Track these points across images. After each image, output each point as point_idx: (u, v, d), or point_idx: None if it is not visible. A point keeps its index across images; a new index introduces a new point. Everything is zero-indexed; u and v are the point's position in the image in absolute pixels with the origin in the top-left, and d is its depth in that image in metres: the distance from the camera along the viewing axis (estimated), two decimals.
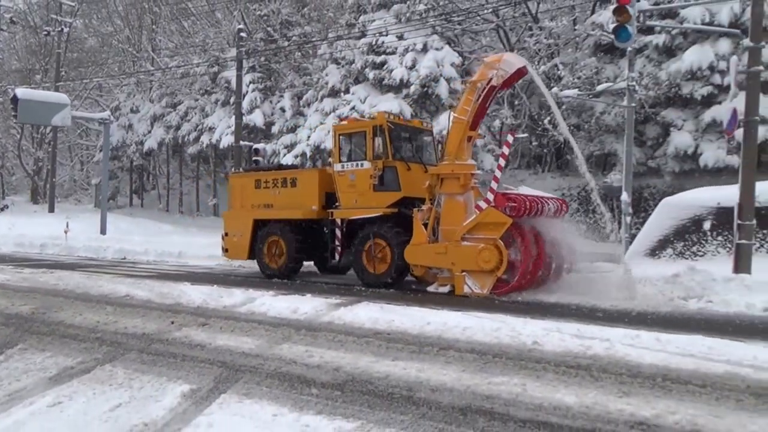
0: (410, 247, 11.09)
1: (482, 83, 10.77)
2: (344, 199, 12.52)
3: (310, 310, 8.20)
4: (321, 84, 27.07)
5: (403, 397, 4.87)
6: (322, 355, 6.05)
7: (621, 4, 11.29)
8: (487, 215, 10.30)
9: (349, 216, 12.29)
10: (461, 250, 10.43)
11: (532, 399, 4.77)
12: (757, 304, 9.16)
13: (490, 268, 10.13)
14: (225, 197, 36.63)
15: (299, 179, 13.53)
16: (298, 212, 13.17)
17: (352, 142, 12.66)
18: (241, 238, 14.09)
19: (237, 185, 14.85)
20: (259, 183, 14.19)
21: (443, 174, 11.02)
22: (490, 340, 6.53)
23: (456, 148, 10.94)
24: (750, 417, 4.36)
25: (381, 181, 11.80)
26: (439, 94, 23.44)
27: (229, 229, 14.59)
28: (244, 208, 14.37)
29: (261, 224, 13.79)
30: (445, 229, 10.87)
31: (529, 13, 24.18)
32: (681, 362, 5.62)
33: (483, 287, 10.25)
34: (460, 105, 11.20)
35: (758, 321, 8.39)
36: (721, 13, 19.91)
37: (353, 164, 12.39)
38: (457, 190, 10.87)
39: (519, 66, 10.79)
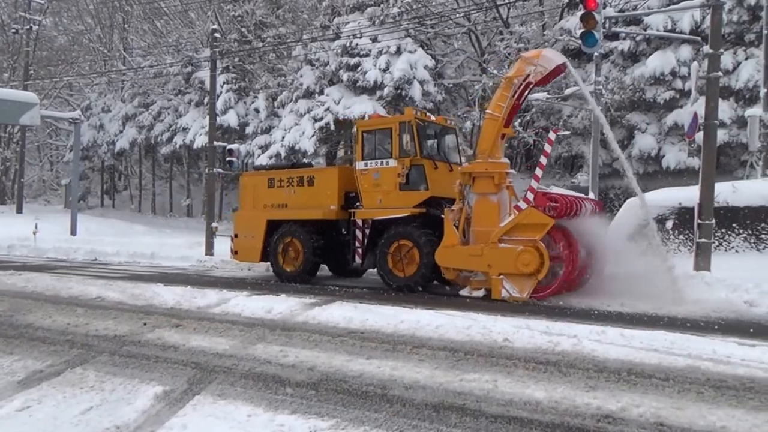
0: (441, 249, 10.58)
1: (519, 79, 10.33)
2: (367, 199, 12.02)
3: (284, 310, 8.22)
4: (295, 85, 27.04)
5: (377, 395, 4.93)
6: (297, 355, 6.09)
7: (588, 10, 11.48)
8: (527, 216, 9.82)
9: (374, 216, 11.78)
10: (499, 253, 9.92)
11: (503, 395, 4.88)
12: (714, 300, 9.43)
13: (530, 272, 9.64)
14: (199, 198, 36.58)
15: (317, 178, 12.96)
16: (317, 212, 12.54)
17: (377, 139, 12.12)
18: (253, 240, 13.45)
19: (248, 185, 14.21)
20: (272, 182, 13.59)
21: (476, 173, 10.55)
22: (462, 338, 6.64)
23: (490, 145, 10.49)
24: (709, 408, 4.52)
25: (408, 180, 11.35)
26: (413, 96, 23.62)
27: (240, 230, 13.95)
28: (256, 208, 13.77)
29: (275, 225, 13.17)
30: (478, 230, 10.44)
31: (499, 17, 24.50)
32: (645, 357, 5.79)
33: (522, 291, 9.73)
34: (493, 101, 10.72)
35: (715, 317, 8.63)
36: (682, 21, 20.52)
37: (377, 162, 11.87)
38: (490, 190, 10.45)
39: (559, 62, 10.41)
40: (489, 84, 23.18)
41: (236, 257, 14.18)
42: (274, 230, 13.11)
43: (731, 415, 4.38)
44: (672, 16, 20.76)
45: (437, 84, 25.36)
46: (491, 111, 10.54)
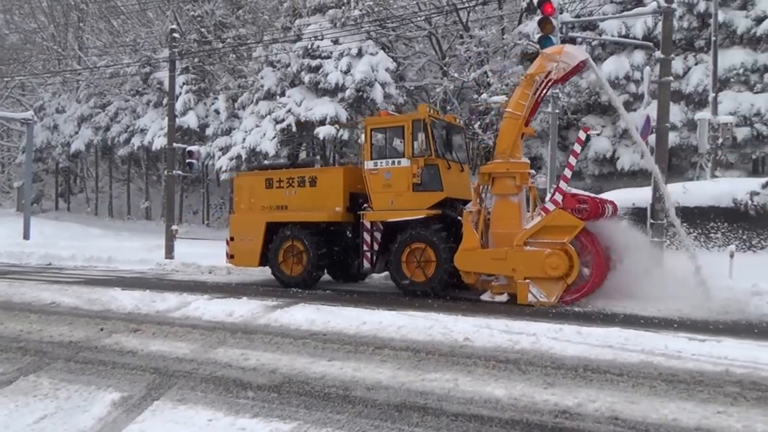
0: (461, 252, 10.16)
1: (540, 76, 10.05)
2: (377, 200, 11.46)
3: (246, 313, 8.17)
4: (256, 86, 26.84)
5: (340, 397, 4.95)
6: (259, 358, 6.06)
7: (545, 15, 11.67)
8: (555, 218, 9.51)
9: (386, 218, 11.24)
10: (525, 256, 9.56)
11: (463, 393, 4.95)
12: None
13: (559, 275, 9.34)
14: (158, 200, 35.97)
15: (320, 178, 12.38)
16: (322, 214, 11.96)
17: (387, 137, 11.68)
18: (251, 243, 12.77)
19: (244, 185, 13.51)
20: (270, 182, 12.95)
21: (497, 173, 10.18)
22: (424, 338, 6.70)
23: (511, 145, 10.14)
24: (662, 402, 4.67)
25: (422, 181, 10.90)
26: (374, 98, 23.70)
27: (236, 234, 13.23)
28: (253, 210, 13.10)
29: (275, 228, 12.53)
30: (498, 232, 10.10)
31: (460, 21, 24.79)
32: (600, 353, 5.95)
33: (550, 295, 9.39)
34: (514, 99, 10.33)
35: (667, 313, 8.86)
36: (635, 27, 21.15)
37: (388, 162, 11.37)
38: (511, 191, 10.11)
39: (581, 59, 10.13)
40: (450, 87, 23.40)
41: (233, 262, 13.47)
42: (274, 233, 12.49)
43: (682, 407, 4.53)
44: (626, 22, 21.39)
45: (399, 86, 25.49)
46: (512, 109, 10.17)
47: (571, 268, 9.30)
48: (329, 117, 23.59)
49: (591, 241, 9.49)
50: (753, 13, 20.41)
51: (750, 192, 13.44)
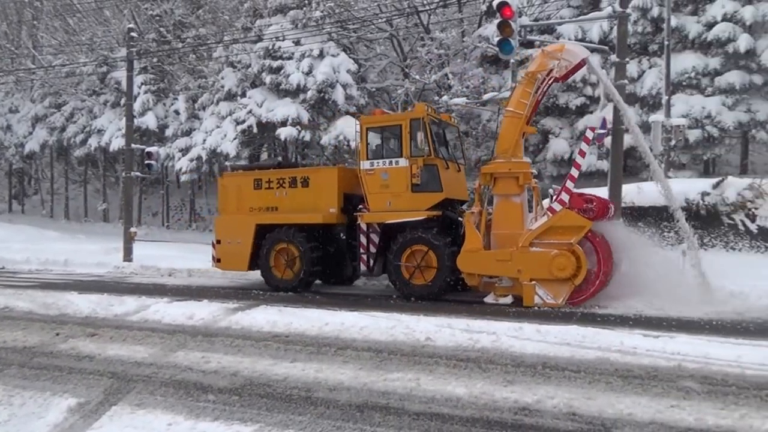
0: (464, 253, 9.94)
1: (542, 74, 9.91)
2: (374, 201, 11.13)
3: (206, 316, 8.09)
4: (217, 87, 26.55)
5: (302, 398, 4.95)
6: (220, 361, 6.01)
7: (504, 19, 11.82)
8: (562, 218, 9.36)
9: (385, 220, 10.92)
10: (531, 257, 9.38)
11: (425, 392, 5.00)
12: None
13: (566, 276, 9.18)
14: (116, 202, 35.24)
15: (313, 178, 11.96)
16: (316, 216, 11.60)
17: (384, 137, 11.38)
18: (240, 246, 12.30)
19: (231, 186, 12.99)
20: (259, 183, 12.47)
21: (499, 173, 10.01)
22: (386, 338, 6.75)
23: (513, 144, 9.97)
24: (617, 397, 4.80)
25: (421, 181, 10.63)
26: (336, 100, 23.69)
27: (223, 236, 12.71)
28: (240, 211, 12.61)
29: (265, 230, 12.10)
30: (500, 233, 9.93)
31: (420, 24, 24.95)
32: (558, 351, 6.08)
33: (557, 297, 9.23)
34: (514, 98, 10.15)
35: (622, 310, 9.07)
36: (592, 31, 21.64)
37: (386, 162, 11.08)
38: (513, 191, 9.95)
39: (583, 57, 10.04)
40: (411, 89, 23.52)
41: (219, 266, 12.95)
42: (264, 236, 12.06)
43: (637, 402, 4.67)
44: (582, 26, 21.84)
45: (360, 88, 25.51)
46: (513, 108, 10.00)
47: (579, 269, 9.17)
48: (291, 118, 23.47)
49: (597, 240, 9.39)
50: (704, 18, 21.07)
51: (701, 192, 13.85)
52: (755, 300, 9.25)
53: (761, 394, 4.82)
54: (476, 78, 22.03)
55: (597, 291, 9.37)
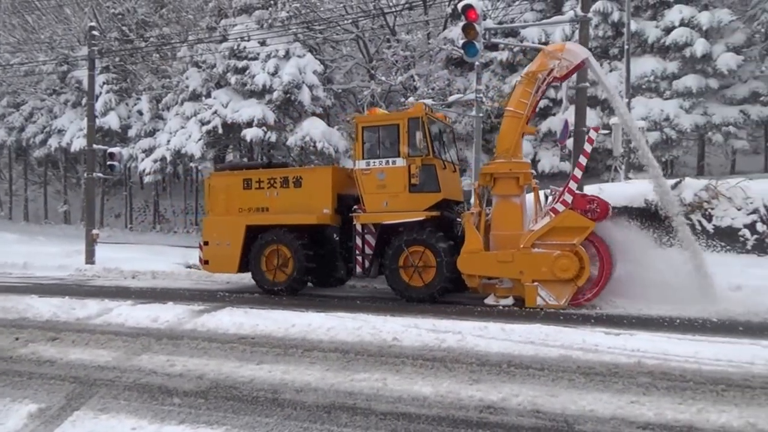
0: (465, 255, 9.79)
1: (543, 74, 9.84)
2: (370, 202, 10.90)
3: (171, 318, 7.99)
4: (181, 87, 26.25)
5: (268, 400, 4.95)
6: (185, 364, 5.96)
7: (469, 21, 11.92)
8: (565, 219, 9.28)
9: (382, 220, 10.71)
10: (533, 258, 9.29)
11: (392, 392, 5.04)
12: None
13: (569, 277, 9.12)
14: (77, 203, 34.50)
15: (306, 178, 11.69)
16: (309, 217, 11.33)
17: (381, 136, 11.06)
18: (229, 248, 11.96)
19: (219, 186, 12.58)
20: (249, 183, 12.14)
21: (499, 173, 9.90)
22: (353, 339, 6.76)
23: (513, 144, 9.90)
24: (580, 394, 4.91)
25: (419, 181, 10.46)
26: (302, 100, 23.63)
27: (211, 238, 12.34)
28: (230, 212, 12.27)
29: (256, 231, 11.80)
30: (499, 234, 9.82)
31: (387, 25, 25.04)
32: (523, 349, 6.17)
33: (560, 298, 9.16)
34: (515, 97, 10.07)
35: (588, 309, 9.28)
36: (555, 35, 22.06)
37: (382, 162, 10.85)
38: (513, 191, 9.85)
39: (583, 57, 9.97)
40: (377, 90, 23.59)
41: (207, 268, 12.62)
42: (255, 237, 11.77)
43: (599, 398, 4.78)
44: (546, 29, 22.25)
45: (326, 89, 25.51)
46: (513, 108, 9.91)
47: (582, 270, 9.11)
48: (256, 119, 23.34)
49: (598, 241, 9.34)
50: (662, 23, 21.65)
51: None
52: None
53: (717, 389, 4.97)
54: (442, 80, 22.23)
55: (600, 291, 9.31)
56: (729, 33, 21.87)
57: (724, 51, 21.28)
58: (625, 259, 9.55)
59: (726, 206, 12.89)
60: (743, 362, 5.62)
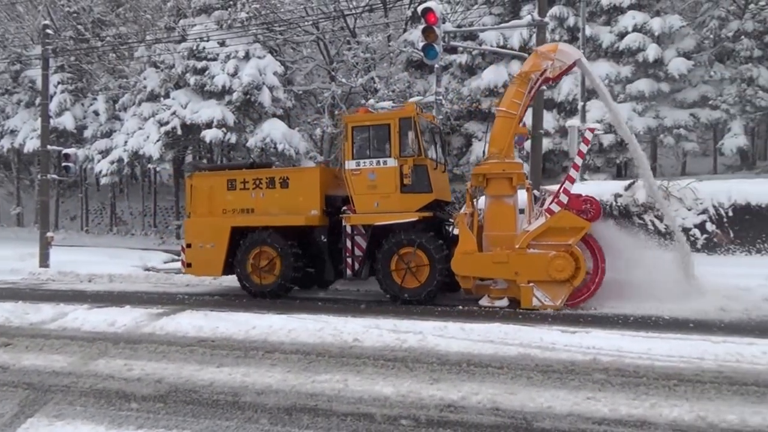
0: (459, 256, 9.65)
1: (536, 74, 9.81)
2: (360, 202, 10.67)
3: (129, 322, 7.86)
4: (139, 87, 25.79)
5: (229, 403, 4.92)
6: (143, 368, 5.88)
7: (429, 24, 12.00)
8: (560, 219, 9.24)
9: (374, 221, 10.51)
10: (528, 259, 9.22)
11: (353, 393, 5.07)
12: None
13: (564, 278, 9.07)
14: (30, 206, 33.54)
15: (293, 179, 11.42)
16: (297, 218, 11.07)
17: (371, 136, 10.86)
18: (213, 250, 11.61)
19: (201, 186, 12.16)
20: (233, 183, 11.81)
21: (492, 174, 9.83)
22: (314, 340, 6.76)
23: (506, 145, 9.85)
24: (538, 391, 5.01)
25: (411, 182, 10.30)
26: (262, 102, 23.47)
27: (194, 240, 11.93)
28: (213, 213, 11.89)
29: (241, 233, 11.50)
30: (493, 234, 9.74)
31: (347, 27, 25.06)
32: (482, 348, 6.26)
33: (555, 299, 9.11)
34: (507, 98, 10.03)
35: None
36: (512, 38, 22.44)
37: (373, 162, 10.66)
38: (506, 192, 9.79)
39: (576, 58, 10.01)
40: (338, 92, 23.58)
41: (191, 271, 12.21)
42: (240, 239, 11.48)
43: (556, 395, 4.89)
44: (504, 33, 22.58)
45: (287, 90, 25.37)
46: (506, 108, 9.87)
47: (578, 271, 9.07)
48: (216, 120, 23.09)
49: (591, 241, 9.35)
50: (616, 29, 22.20)
51: (614, 194, 14.49)
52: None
53: (669, 384, 5.14)
54: (402, 82, 22.36)
55: (595, 292, 9.30)
56: (680, 39, 22.56)
57: (675, 56, 21.93)
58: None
59: (677, 207, 13.27)
60: (694, 358, 5.82)
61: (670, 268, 9.55)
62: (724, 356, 5.83)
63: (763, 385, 5.10)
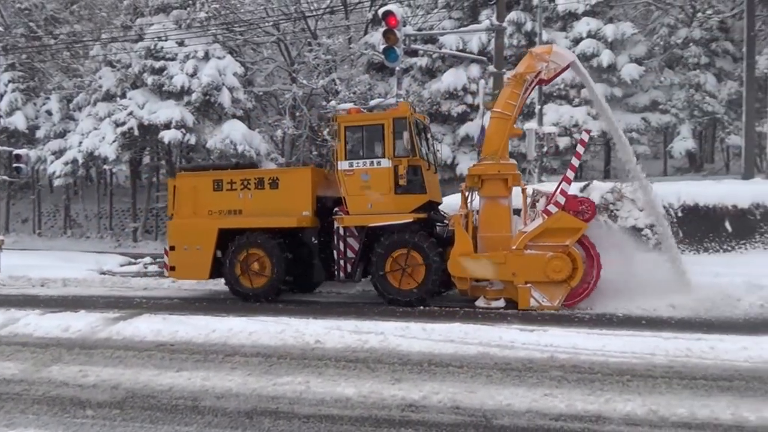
0: (456, 257, 9.63)
1: (530, 75, 9.87)
2: (354, 203, 10.54)
3: (84, 327, 7.68)
4: (94, 87, 25.20)
5: (188, 408, 4.87)
6: (99, 374, 5.77)
7: (389, 27, 12.08)
8: (558, 220, 9.28)
9: (368, 223, 10.35)
10: (526, 260, 9.25)
11: (315, 395, 5.07)
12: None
13: (562, 279, 9.13)
14: None
15: (283, 180, 11.19)
16: (289, 219, 10.82)
17: (364, 136, 10.75)
18: (200, 253, 11.24)
19: (185, 187, 11.76)
20: (219, 184, 11.47)
21: (487, 175, 9.84)
22: (275, 343, 6.74)
23: (501, 146, 9.89)
24: (497, 389, 5.11)
25: (406, 182, 10.19)
26: (222, 102, 23.22)
27: (178, 242, 11.57)
28: (198, 215, 11.51)
29: (229, 235, 11.18)
30: (488, 236, 9.74)
31: (308, 29, 24.99)
32: (443, 348, 6.35)
33: (553, 299, 9.17)
34: (502, 99, 10.04)
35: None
36: (472, 43, 22.78)
37: (366, 162, 10.54)
38: (502, 193, 9.84)
39: (570, 60, 10.10)
40: (299, 93, 23.48)
41: (175, 275, 11.88)
42: (228, 241, 11.16)
43: (515, 393, 5.00)
44: (463, 37, 22.90)
45: (247, 91, 25.14)
46: (501, 110, 9.89)
47: (575, 271, 9.15)
48: (175, 120, 22.73)
49: (587, 241, 9.43)
50: (571, 35, 22.74)
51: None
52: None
53: (623, 379, 5.30)
54: (363, 84, 22.40)
55: (591, 291, 9.38)
56: (632, 45, 23.20)
57: (627, 62, 22.56)
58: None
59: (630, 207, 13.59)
60: (646, 354, 6.01)
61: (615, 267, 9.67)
62: (674, 352, 6.04)
63: (711, 379, 5.31)
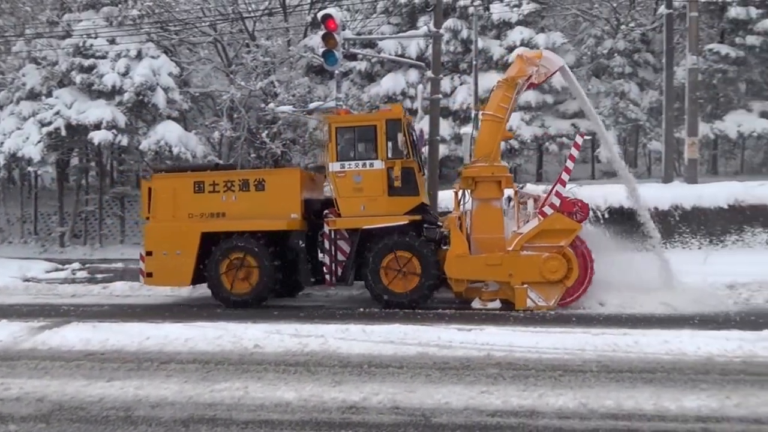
0: (452, 259, 9.69)
1: (522, 79, 10.03)
2: (346, 206, 10.41)
3: (5, 338, 7.32)
4: (17, 85, 24.03)
5: (120, 418, 4.73)
6: (22, 386, 5.53)
7: (328, 31, 12.10)
8: (553, 221, 9.47)
9: (361, 225, 10.24)
10: (522, 261, 9.40)
11: (254, 400, 5.02)
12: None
13: (557, 279, 9.32)
14: None
15: (269, 181, 10.87)
16: (277, 222, 10.54)
17: (357, 137, 10.61)
18: (180, 258, 10.78)
19: (163, 189, 11.28)
20: (201, 186, 11.05)
21: (481, 177, 9.94)
22: (213, 349, 6.63)
23: (494, 148, 10.06)
24: (436, 388, 5.20)
25: (400, 184, 10.12)
26: (157, 103, 22.59)
27: (156, 247, 11.06)
28: (178, 218, 11.06)
29: (212, 239, 10.77)
30: (481, 237, 9.87)
31: (246, 30, 24.66)
32: (383, 349, 6.42)
33: (549, 299, 9.35)
34: (494, 102, 10.18)
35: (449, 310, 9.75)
36: (410, 48, 23.15)
37: (358, 164, 10.40)
38: (494, 195, 9.99)
39: (559, 65, 10.28)
40: (237, 95, 23.13)
41: (152, 281, 11.29)
42: (211, 245, 10.75)
43: (453, 391, 5.10)
44: (402, 42, 23.20)
45: (183, 92, 24.57)
46: (493, 112, 10.06)
47: (570, 271, 9.33)
48: (105, 121, 21.94)
49: (579, 241, 9.62)
50: (505, 43, 23.35)
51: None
52: None
53: (555, 375, 5.50)
54: (302, 87, 22.31)
55: (585, 290, 9.58)
56: (561, 54, 23.87)
57: None
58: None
59: None
60: (576, 349, 6.25)
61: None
62: (602, 347, 6.31)
63: (636, 372, 5.58)
